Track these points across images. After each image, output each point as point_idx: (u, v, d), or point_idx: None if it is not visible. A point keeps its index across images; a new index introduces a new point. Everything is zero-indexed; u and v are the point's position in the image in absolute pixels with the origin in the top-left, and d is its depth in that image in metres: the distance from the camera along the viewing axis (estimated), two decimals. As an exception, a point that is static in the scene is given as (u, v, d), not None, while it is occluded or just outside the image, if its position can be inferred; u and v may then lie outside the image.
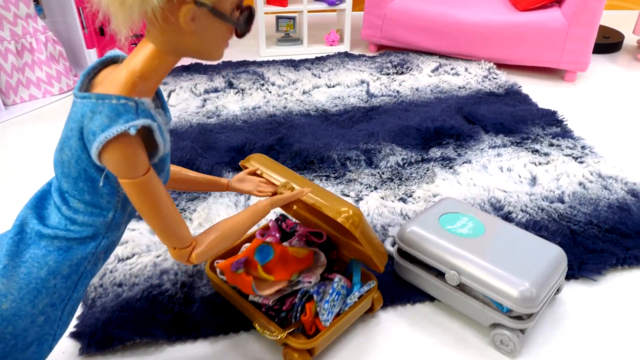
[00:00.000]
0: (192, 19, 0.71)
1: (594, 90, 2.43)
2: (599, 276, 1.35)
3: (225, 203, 1.58)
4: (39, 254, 0.80)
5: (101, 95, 0.71)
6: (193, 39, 0.74)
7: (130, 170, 0.74)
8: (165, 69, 0.77)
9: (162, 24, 0.71)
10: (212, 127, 1.98)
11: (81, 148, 0.74)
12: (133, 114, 0.71)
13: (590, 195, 1.63)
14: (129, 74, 0.74)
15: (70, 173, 0.78)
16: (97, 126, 0.70)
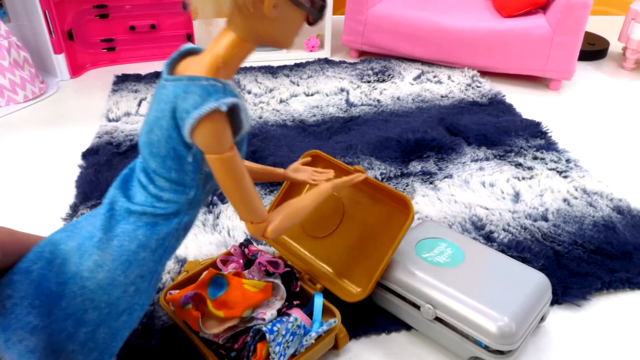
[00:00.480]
0: (274, 6, 0.76)
1: (579, 99, 2.38)
2: (583, 301, 1.29)
3: (193, 222, 1.49)
4: (129, 228, 0.84)
5: (192, 77, 0.78)
6: (273, 26, 0.79)
7: (218, 146, 0.79)
8: (244, 55, 0.83)
9: (247, 12, 0.76)
10: (183, 138, 1.89)
11: (172, 127, 0.79)
12: (222, 93, 0.77)
13: (575, 212, 1.56)
14: (213, 59, 0.80)
15: (160, 152, 0.82)
16: (190, 104, 0.76)
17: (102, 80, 2.42)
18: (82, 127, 2.01)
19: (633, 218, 1.55)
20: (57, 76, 2.40)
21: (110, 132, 1.92)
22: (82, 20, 2.44)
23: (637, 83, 2.57)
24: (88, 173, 1.69)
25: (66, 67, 2.40)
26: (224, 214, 1.52)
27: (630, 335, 1.21)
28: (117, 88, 2.26)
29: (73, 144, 1.89)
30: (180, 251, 1.39)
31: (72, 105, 2.22)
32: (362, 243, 1.23)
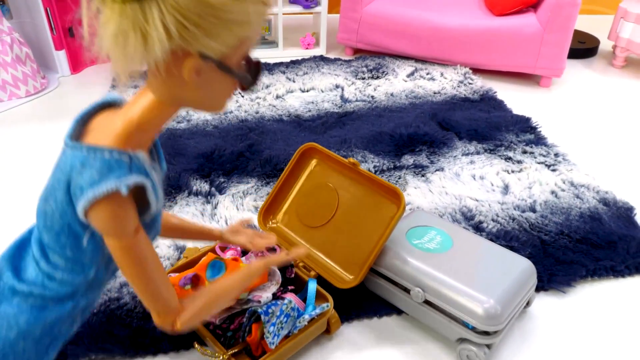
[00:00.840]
0: (197, 72, 0.65)
1: (569, 96, 2.43)
2: (568, 288, 1.34)
3: (192, 212, 1.54)
4: (11, 312, 0.73)
5: (93, 147, 0.66)
6: (197, 92, 0.69)
7: (118, 231, 0.69)
8: (164, 120, 0.71)
9: (164, 76, 0.66)
10: (182, 132, 1.94)
11: (67, 202, 0.68)
12: (126, 170, 0.66)
13: (562, 204, 1.61)
14: (126, 124, 0.68)
15: (53, 226, 0.72)
16: (85, 181, 0.65)
17: (101, 76, 2.46)
18: (83, 122, 2.05)
19: (618, 209, 1.60)
20: (58, 72, 2.44)
21: (111, 126, 1.96)
22: (82, 17, 2.48)
23: (626, 80, 2.63)
24: (89, 165, 1.73)
25: (67, 63, 2.44)
26: (221, 204, 1.57)
27: (612, 321, 1.26)
28: (116, 83, 2.30)
29: (74, 138, 1.93)
30: (179, 240, 1.44)
31: (72, 100, 2.26)
32: (355, 232, 1.28)
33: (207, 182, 1.66)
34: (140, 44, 0.60)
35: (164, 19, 0.59)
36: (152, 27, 0.59)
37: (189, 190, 1.62)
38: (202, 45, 0.62)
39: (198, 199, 1.59)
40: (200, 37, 0.61)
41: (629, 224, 1.55)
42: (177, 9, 0.59)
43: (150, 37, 0.59)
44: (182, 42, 0.61)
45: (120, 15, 0.59)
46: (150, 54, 0.61)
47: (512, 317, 1.14)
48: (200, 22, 0.60)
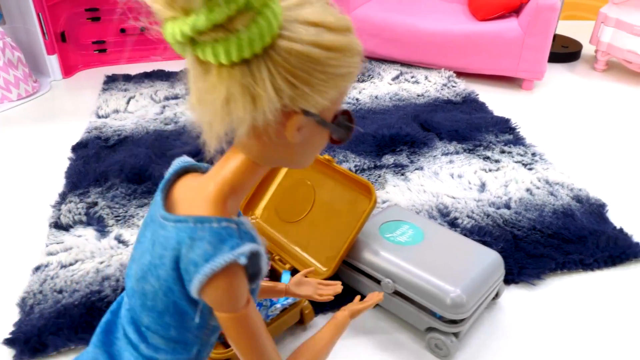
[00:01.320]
0: (298, 129, 0.62)
1: (550, 98, 2.48)
2: (538, 280, 1.38)
3: (175, 209, 1.58)
4: None
5: (199, 219, 0.62)
6: (293, 150, 0.65)
7: (232, 304, 0.64)
8: (255, 181, 0.67)
9: (262, 136, 0.61)
10: (169, 133, 1.98)
11: (174, 279, 0.64)
12: (237, 239, 0.62)
13: (536, 201, 1.66)
14: (219, 189, 0.64)
15: (155, 306, 0.67)
16: (199, 255, 0.60)
17: (93, 80, 2.51)
18: (73, 123, 2.10)
19: (591, 206, 1.64)
20: (49, 76, 2.50)
21: (99, 127, 2.01)
22: (74, 23, 2.53)
23: (607, 83, 2.69)
24: (77, 165, 1.78)
25: (59, 67, 2.49)
26: (204, 202, 1.61)
27: (581, 313, 1.31)
28: (107, 87, 2.36)
29: (63, 139, 1.98)
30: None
31: (63, 103, 2.31)
32: (330, 226, 1.32)
33: (191, 180, 1.70)
34: (249, 107, 0.56)
35: (273, 79, 0.55)
36: (261, 89, 0.55)
37: (174, 188, 1.66)
38: (308, 102, 0.59)
39: (182, 197, 1.63)
40: (307, 95, 0.58)
41: (601, 219, 1.59)
42: (286, 68, 0.55)
43: (260, 98, 0.56)
44: (289, 101, 0.57)
45: (229, 80, 0.55)
46: (258, 116, 0.57)
47: (479, 306, 1.18)
48: (309, 79, 0.57)
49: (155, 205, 0.68)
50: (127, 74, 2.49)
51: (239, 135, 0.58)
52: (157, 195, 0.69)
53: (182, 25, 0.51)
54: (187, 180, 0.70)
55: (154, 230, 0.66)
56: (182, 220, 0.62)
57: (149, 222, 0.68)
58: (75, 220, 1.53)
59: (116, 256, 1.40)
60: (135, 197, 1.63)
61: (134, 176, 1.71)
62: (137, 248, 0.70)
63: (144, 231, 0.69)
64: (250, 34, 0.51)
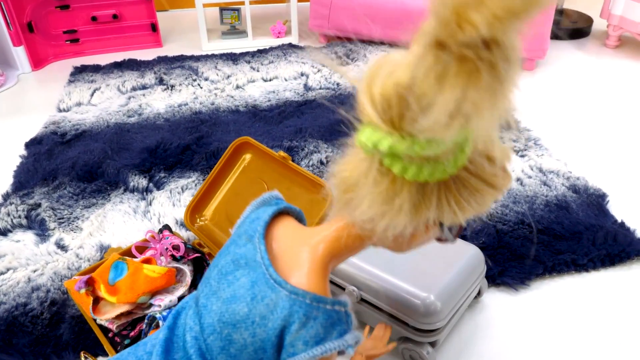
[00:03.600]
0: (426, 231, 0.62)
1: (553, 78, 2.28)
2: (522, 286, 1.21)
3: (124, 210, 1.44)
4: None
5: (316, 298, 0.61)
6: (408, 243, 0.64)
7: None
8: (356, 252, 0.67)
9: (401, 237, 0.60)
10: (131, 126, 1.84)
11: (272, 344, 0.62)
12: (344, 324, 0.62)
13: (527, 192, 1.48)
14: (323, 258, 0.63)
15: (239, 356, 0.65)
16: (311, 336, 0.60)
17: (65, 72, 2.38)
18: (34, 118, 1.97)
19: (589, 197, 1.46)
20: (18, 69, 2.38)
21: (58, 122, 1.88)
22: (42, 12, 2.40)
23: (618, 61, 2.46)
24: (27, 162, 1.65)
25: (27, 59, 2.37)
26: (157, 200, 1.47)
27: (572, 316, 1.13)
28: (74, 79, 2.23)
29: (21, 135, 1.85)
30: (105, 238, 1.34)
31: (30, 97, 2.19)
32: None
33: (146, 177, 1.56)
34: (407, 219, 0.55)
35: (440, 203, 0.55)
36: (426, 208, 0.55)
37: (126, 186, 1.52)
38: (452, 220, 0.59)
39: (133, 196, 1.49)
40: (457, 216, 0.58)
41: (599, 212, 1.41)
42: (455, 197, 0.55)
43: (419, 214, 0.55)
44: (440, 219, 0.57)
45: (403, 193, 0.54)
46: (410, 227, 0.56)
47: (457, 310, 1.02)
48: (466, 206, 0.57)
49: (252, 247, 0.66)
50: (96, 64, 2.36)
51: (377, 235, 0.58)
52: (255, 236, 0.66)
53: (397, 144, 0.48)
54: (287, 229, 0.68)
55: (255, 281, 0.63)
56: (299, 294, 0.61)
57: (242, 263, 0.65)
58: (15, 224, 1.40)
59: (52, 263, 1.27)
60: (83, 197, 1.49)
61: (85, 174, 1.57)
62: (224, 286, 0.66)
63: (233, 270, 0.66)
64: (448, 165, 0.51)
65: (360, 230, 0.61)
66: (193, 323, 0.68)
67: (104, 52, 2.56)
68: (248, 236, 0.67)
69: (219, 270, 0.68)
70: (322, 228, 0.65)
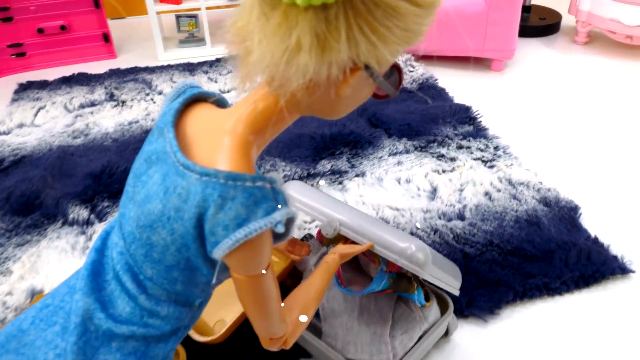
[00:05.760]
0: (353, 83, 0.55)
1: (522, 79, 2.20)
2: (491, 316, 1.12)
3: (60, 246, 1.32)
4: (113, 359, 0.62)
5: (231, 175, 0.54)
6: (338, 102, 0.58)
7: (255, 267, 0.59)
8: (283, 128, 0.61)
9: (315, 85, 0.54)
10: (75, 149, 1.71)
11: (193, 237, 0.57)
12: (272, 201, 0.56)
13: (496, 207, 1.39)
14: (244, 135, 0.57)
15: (163, 259, 0.60)
16: (231, 219, 0.54)
17: (10, 89, 2.23)
18: (-28, 143, 1.83)
19: (560, 210, 1.38)
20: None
21: (-4, 147, 1.75)
22: (-18, 26, 2.26)
23: (589, 58, 2.40)
24: (-41, 195, 1.52)
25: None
26: (98, 234, 1.35)
27: (546, 344, 1.05)
28: (18, 97, 2.09)
29: (-44, 163, 1.71)
30: (38, 281, 1.22)
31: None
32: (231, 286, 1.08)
33: (87, 208, 1.44)
34: (315, 57, 0.50)
35: (350, 30, 0.49)
36: (334, 39, 0.49)
37: (65, 219, 1.40)
38: (375, 57, 0.53)
39: (72, 230, 1.37)
40: (379, 50, 0.52)
41: (572, 226, 1.33)
42: (367, 20, 0.49)
43: (329, 50, 0.50)
44: (358, 54, 0.51)
45: (298, 24, 0.49)
46: (321, 69, 0.51)
47: None
48: (387, 34, 0.51)
49: (162, 140, 0.60)
50: (44, 79, 2.21)
51: (293, 86, 0.52)
52: (165, 128, 0.60)
53: None
54: (201, 114, 0.62)
55: (165, 173, 0.58)
56: (211, 175, 0.54)
57: (153, 159, 0.60)
58: (-61, 268, 1.27)
59: (-23, 313, 1.15)
60: (17, 234, 1.37)
61: (21, 206, 1.44)
62: (139, 188, 0.61)
63: (146, 169, 0.61)
64: None
65: (275, 92, 0.56)
66: (117, 238, 0.64)
67: (53, 65, 2.41)
68: (159, 130, 0.62)
69: (134, 173, 0.63)
70: (238, 105, 0.59)
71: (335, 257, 0.83)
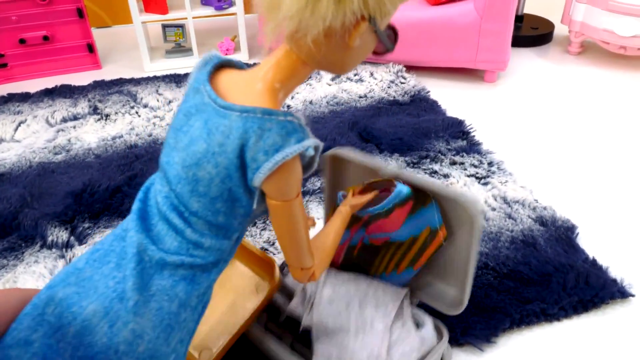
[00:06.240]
0: (360, 35, 0.65)
1: (515, 91, 2.17)
2: (487, 344, 1.07)
3: (38, 271, 1.26)
4: (167, 285, 0.69)
5: (267, 110, 0.64)
6: (346, 55, 0.68)
7: (289, 192, 0.68)
8: (303, 80, 0.71)
9: (329, 38, 0.64)
10: (56, 166, 1.65)
11: (236, 166, 0.66)
12: (300, 133, 0.65)
13: (491, 228, 1.35)
14: (271, 83, 0.67)
15: (209, 192, 0.68)
16: (270, 145, 0.64)
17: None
18: (-51, 159, 1.76)
19: (557, 230, 1.34)
20: None
21: (-27, 164, 1.68)
22: (-38, 37, 2.19)
23: (582, 68, 2.37)
24: None
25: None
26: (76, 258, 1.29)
27: (538, 385, 1.01)
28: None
29: None
30: None
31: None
32: (220, 309, 1.03)
33: (67, 229, 1.38)
34: (333, 7, 0.60)
35: None
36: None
37: (43, 241, 1.34)
38: (380, 10, 0.63)
39: (51, 253, 1.31)
40: (384, 1, 0.62)
41: (569, 247, 1.29)
42: None
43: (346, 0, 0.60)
44: (366, 6, 0.61)
45: None
46: (338, 17, 0.61)
47: None
48: None
49: (199, 95, 0.69)
50: (25, 92, 2.15)
51: (311, 34, 0.62)
52: (200, 85, 0.69)
53: None
54: (230, 74, 0.71)
55: (207, 119, 0.67)
56: (250, 111, 0.64)
57: (192, 112, 0.69)
58: None
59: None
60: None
61: (-2, 228, 1.39)
62: (181, 137, 0.69)
63: (186, 121, 0.69)
64: None
65: (297, 48, 0.66)
66: (161, 186, 0.72)
67: (36, 76, 2.35)
68: (194, 89, 0.70)
69: (174, 128, 0.71)
70: (263, 63, 0.69)
71: (347, 208, 0.88)
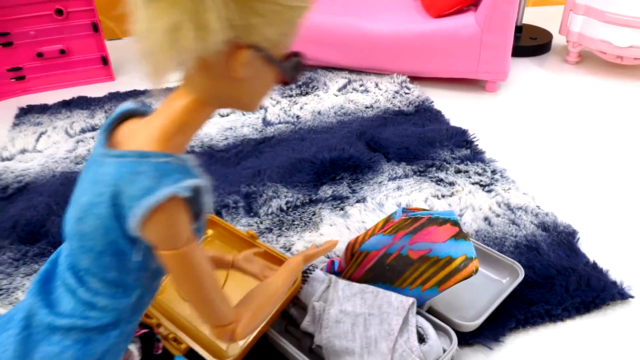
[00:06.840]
0: (245, 65, 0.61)
1: (515, 100, 2.24)
2: (495, 343, 1.14)
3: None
4: (54, 351, 0.66)
5: (141, 153, 0.62)
6: (240, 88, 0.65)
7: (175, 240, 0.63)
8: (202, 121, 0.68)
9: (209, 72, 0.62)
10: (78, 175, 1.72)
11: (112, 216, 0.63)
12: (178, 173, 0.62)
13: (496, 233, 1.42)
14: (164, 127, 0.64)
15: (94, 247, 0.65)
16: (140, 190, 0.60)
17: (10, 112, 2.24)
18: (-27, 169, 1.83)
19: (559, 235, 1.41)
20: (-42, 112, 2.23)
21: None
22: (-18, 50, 2.27)
23: (580, 77, 2.45)
24: (-37, 224, 1.52)
25: (-33, 101, 2.23)
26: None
27: (543, 380, 1.08)
28: (19, 121, 2.10)
29: (-42, 190, 1.71)
30: (46, 313, 1.23)
31: (-30, 143, 2.04)
32: None
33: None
34: (197, 36, 0.56)
35: (225, 6, 0.55)
36: (211, 16, 0.55)
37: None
38: (258, 36, 0.60)
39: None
40: (259, 27, 0.59)
41: (571, 251, 1.36)
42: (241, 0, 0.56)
43: (209, 27, 0.55)
44: (239, 33, 0.58)
45: (176, 5, 0.55)
46: (206, 47, 0.57)
47: None
48: (262, 9, 0.58)
49: (96, 146, 0.68)
50: (44, 103, 2.23)
51: (186, 69, 0.61)
52: (99, 136, 0.68)
53: None
54: (132, 123, 0.69)
55: (95, 169, 0.65)
56: (124, 155, 0.62)
57: (90, 164, 0.68)
58: (-54, 300, 1.28)
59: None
60: (25, 263, 1.38)
61: (27, 235, 1.46)
62: (76, 191, 0.69)
63: (84, 175, 0.68)
64: None
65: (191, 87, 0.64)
66: (66, 244, 0.70)
67: (52, 88, 2.43)
68: (98, 141, 0.69)
69: (76, 185, 0.71)
70: (162, 104, 0.67)
71: (299, 259, 0.87)
